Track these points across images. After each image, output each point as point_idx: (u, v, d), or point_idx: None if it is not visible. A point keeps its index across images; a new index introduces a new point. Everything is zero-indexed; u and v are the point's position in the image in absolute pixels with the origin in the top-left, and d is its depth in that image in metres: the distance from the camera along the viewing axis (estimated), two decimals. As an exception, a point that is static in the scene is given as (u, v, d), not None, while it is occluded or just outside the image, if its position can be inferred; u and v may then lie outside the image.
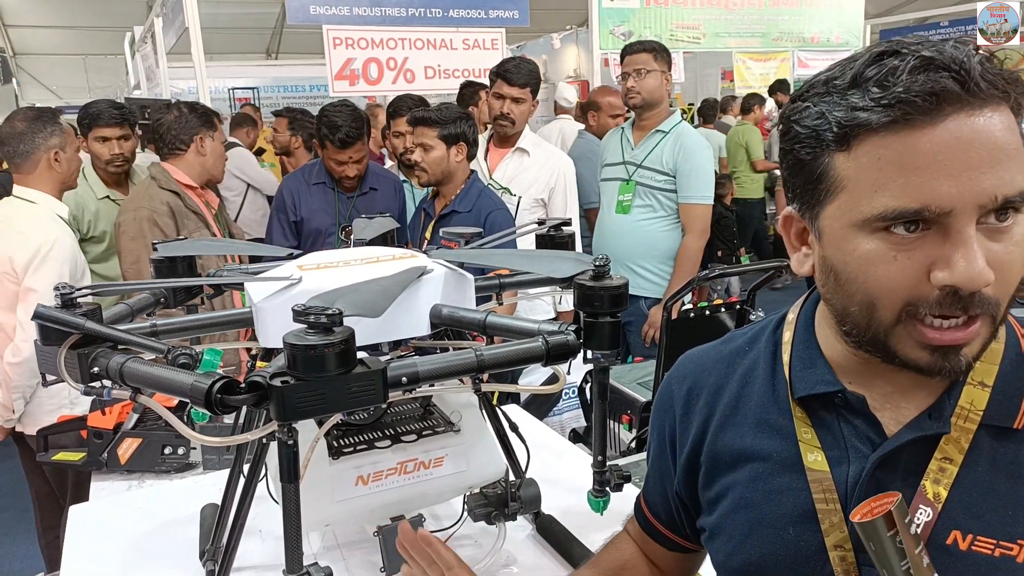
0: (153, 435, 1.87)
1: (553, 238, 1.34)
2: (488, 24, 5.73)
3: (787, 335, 0.81)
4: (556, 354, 0.90)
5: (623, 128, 3.10)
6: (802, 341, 0.79)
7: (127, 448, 1.91)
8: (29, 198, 2.34)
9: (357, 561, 1.25)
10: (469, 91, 3.86)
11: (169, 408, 2.16)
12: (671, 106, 3.05)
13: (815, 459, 0.74)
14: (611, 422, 2.24)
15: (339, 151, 2.70)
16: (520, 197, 2.80)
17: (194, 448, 1.89)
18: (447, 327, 1.10)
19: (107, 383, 0.91)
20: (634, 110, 2.97)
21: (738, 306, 2.25)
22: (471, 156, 2.54)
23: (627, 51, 2.94)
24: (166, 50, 6.03)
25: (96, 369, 0.91)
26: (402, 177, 3.08)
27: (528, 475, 1.25)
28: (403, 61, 5.94)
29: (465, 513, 1.18)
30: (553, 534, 1.26)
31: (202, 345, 1.09)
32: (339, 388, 0.79)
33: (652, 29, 5.28)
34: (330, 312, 0.77)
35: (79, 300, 0.95)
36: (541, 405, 2.33)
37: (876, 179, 0.61)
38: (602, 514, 1.10)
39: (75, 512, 1.47)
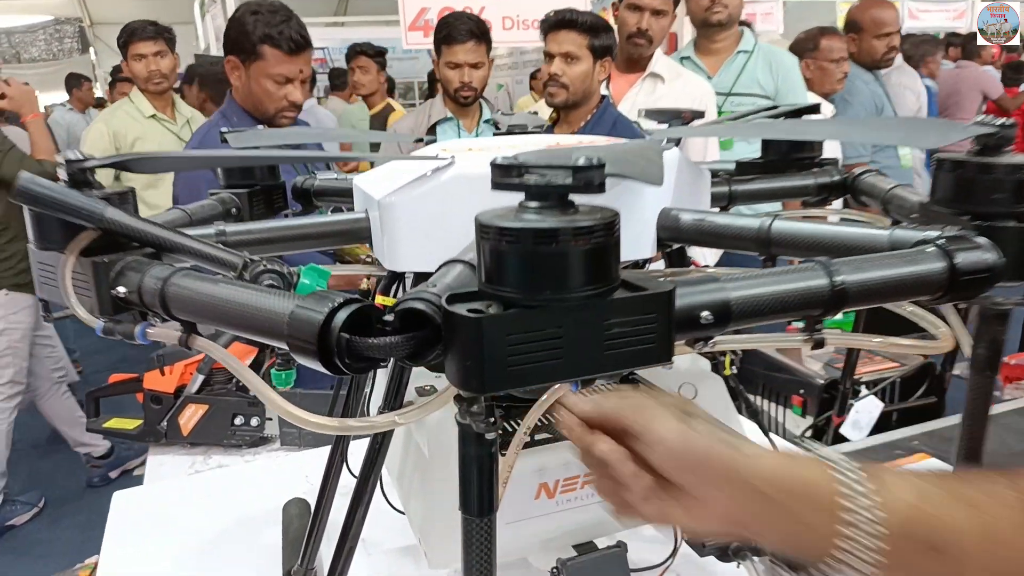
0: (221, 401, 1.54)
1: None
2: (572, -31, 5.25)
3: None
4: (966, 278, 0.47)
5: (689, 58, 2.64)
6: None
7: (190, 416, 1.57)
8: None
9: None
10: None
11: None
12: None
13: None
14: (772, 404, 1.80)
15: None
16: (651, 134, 2.34)
17: (270, 418, 1.54)
18: (677, 244, 0.68)
19: (142, 316, 0.53)
20: (715, 28, 2.50)
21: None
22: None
23: None
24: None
25: (123, 290, 0.52)
26: (448, 114, 2.55)
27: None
28: (480, 11, 5.51)
29: (680, 542, 0.77)
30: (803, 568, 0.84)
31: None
32: (589, 326, 0.38)
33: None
34: (585, 163, 0.36)
35: (96, 180, 0.56)
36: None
37: None
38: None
39: (120, 499, 1.13)
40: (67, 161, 0.54)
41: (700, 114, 0.84)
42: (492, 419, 0.40)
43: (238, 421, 1.56)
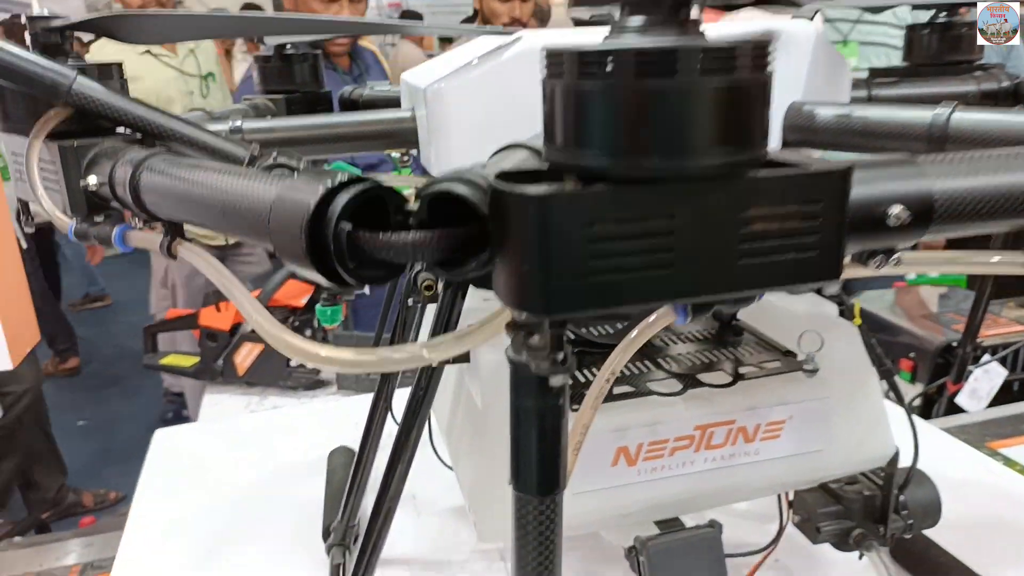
0: (276, 341, 1.45)
1: (947, 27, 0.73)
2: None
3: None
4: None
5: None
6: None
7: (245, 356, 1.51)
8: None
9: None
10: None
11: (297, 309, 1.71)
12: None
13: None
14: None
15: None
16: None
17: (326, 361, 1.45)
18: (811, 149, 0.53)
19: (117, 214, 0.42)
20: None
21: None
22: None
23: None
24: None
25: (94, 180, 0.41)
26: None
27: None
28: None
29: (788, 522, 0.64)
30: (930, 567, 0.69)
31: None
32: (717, 217, 0.24)
33: None
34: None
35: (75, 46, 0.45)
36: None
37: None
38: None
39: (161, 437, 1.06)
40: (30, 19, 0.43)
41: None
42: (562, 356, 0.27)
43: (294, 362, 1.48)
